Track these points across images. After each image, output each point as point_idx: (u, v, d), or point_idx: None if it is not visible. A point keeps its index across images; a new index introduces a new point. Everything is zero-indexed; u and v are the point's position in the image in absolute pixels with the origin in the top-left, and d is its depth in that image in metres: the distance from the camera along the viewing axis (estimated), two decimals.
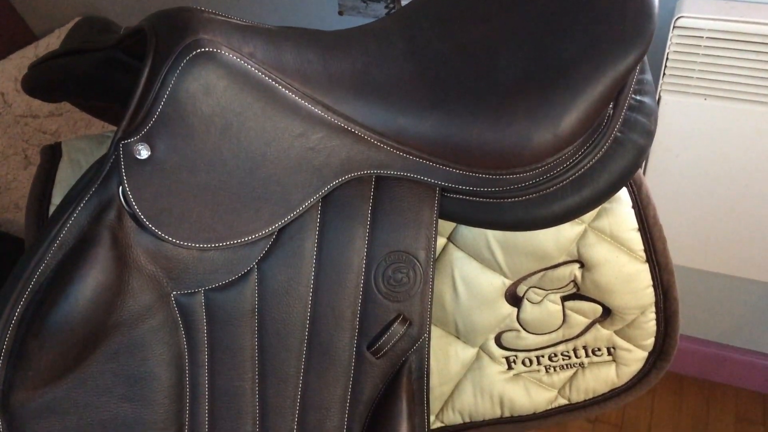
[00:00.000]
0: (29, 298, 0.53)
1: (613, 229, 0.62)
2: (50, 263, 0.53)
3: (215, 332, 0.57)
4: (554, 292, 0.67)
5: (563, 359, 0.70)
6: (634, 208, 0.62)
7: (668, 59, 0.98)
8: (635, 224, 0.63)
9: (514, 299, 0.67)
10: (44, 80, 0.67)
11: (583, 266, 0.65)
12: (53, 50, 0.68)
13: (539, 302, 0.67)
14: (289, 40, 0.56)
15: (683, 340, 1.47)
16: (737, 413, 1.44)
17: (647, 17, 0.56)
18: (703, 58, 0.96)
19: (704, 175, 1.05)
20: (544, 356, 0.70)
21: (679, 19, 0.95)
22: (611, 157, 0.58)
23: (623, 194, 0.62)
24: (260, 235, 0.56)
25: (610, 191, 0.59)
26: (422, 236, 0.59)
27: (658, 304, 0.65)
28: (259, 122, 0.54)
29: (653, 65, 0.98)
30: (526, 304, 0.67)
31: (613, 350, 0.70)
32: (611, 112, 0.58)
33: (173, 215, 0.54)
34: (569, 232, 0.62)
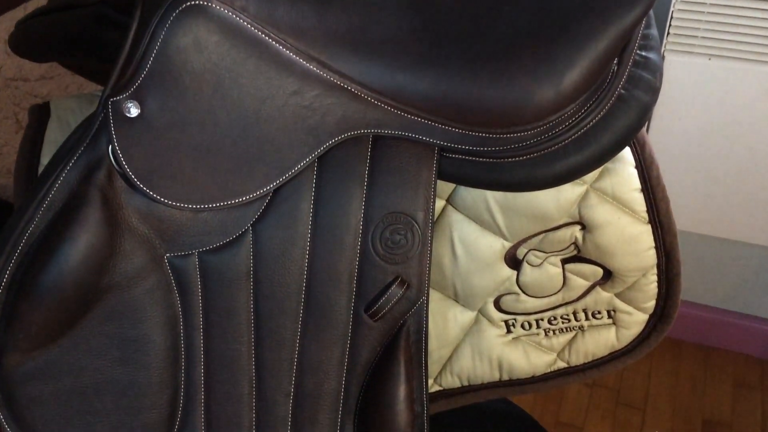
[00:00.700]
0: (19, 260, 0.52)
1: (615, 189, 0.61)
2: (39, 224, 0.52)
3: (210, 295, 0.57)
4: (554, 254, 0.66)
5: (563, 322, 0.70)
6: (637, 168, 0.61)
7: (673, 18, 0.96)
8: (638, 184, 0.61)
9: (513, 262, 0.66)
10: (31, 38, 0.65)
11: (584, 228, 0.64)
12: (40, 6, 0.66)
13: (539, 265, 0.66)
14: None
15: (682, 305, 1.47)
16: (735, 378, 1.45)
17: None
18: (708, 16, 0.94)
19: (707, 137, 1.03)
20: (543, 319, 0.70)
21: None
22: (615, 115, 0.56)
23: (626, 154, 0.61)
24: (254, 195, 0.55)
25: (613, 150, 0.58)
26: (420, 197, 0.58)
27: (660, 266, 0.65)
28: (252, 79, 0.52)
29: (657, 24, 0.96)
30: (525, 266, 0.66)
31: (613, 313, 0.69)
32: (615, 68, 0.57)
33: (165, 175, 0.53)
34: (570, 193, 0.61)
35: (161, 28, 0.50)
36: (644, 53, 0.58)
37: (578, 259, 0.66)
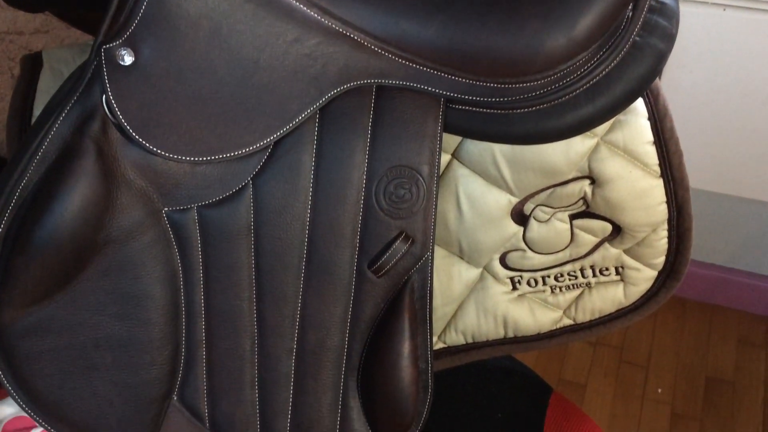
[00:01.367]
0: (12, 213, 0.51)
1: (627, 142, 0.59)
2: (33, 177, 0.51)
3: (210, 250, 0.55)
4: (562, 210, 0.64)
5: (569, 279, 0.69)
6: (650, 119, 0.59)
7: None
8: (650, 137, 0.59)
9: (520, 218, 0.65)
10: None
11: (593, 182, 0.62)
12: None
13: (546, 221, 0.65)
14: None
15: None
16: (739, 336, 1.45)
17: None
18: None
19: (719, 91, 1.01)
20: (549, 276, 0.69)
21: None
22: (629, 63, 0.54)
23: (639, 105, 0.59)
24: (254, 148, 0.53)
25: (626, 100, 0.55)
26: (426, 150, 0.56)
27: (671, 221, 0.63)
28: (250, 26, 0.50)
29: None
30: (532, 222, 0.65)
31: (621, 270, 0.68)
32: (630, 13, 0.54)
33: (161, 126, 0.51)
34: (580, 146, 0.59)
35: None
36: None
37: (587, 214, 0.65)
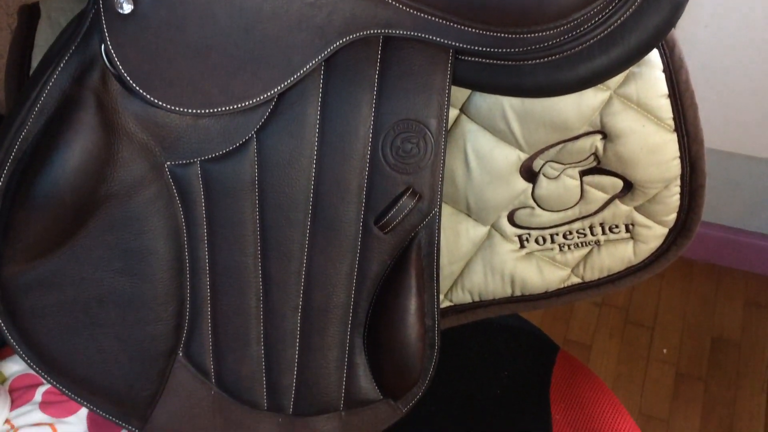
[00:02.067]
0: (12, 167, 0.50)
1: (640, 95, 0.58)
2: (32, 129, 0.50)
3: (213, 206, 0.55)
4: (573, 166, 0.63)
5: (578, 237, 0.68)
6: (665, 72, 0.57)
7: None
8: (665, 90, 0.58)
9: (529, 174, 0.63)
10: None
11: (605, 137, 0.61)
12: None
13: (556, 177, 0.64)
14: None
15: None
16: (746, 297, 1.45)
17: None
18: None
19: (733, 48, 0.98)
20: (558, 234, 0.68)
21: None
22: (645, 12, 0.52)
23: (653, 56, 0.57)
24: (258, 100, 0.52)
25: (641, 51, 0.54)
26: (434, 103, 0.54)
27: (683, 177, 0.62)
28: None
29: None
30: (542, 179, 0.64)
31: (631, 227, 0.67)
32: None
33: (163, 77, 0.50)
34: (592, 99, 0.58)
35: None
36: None
37: (597, 170, 0.63)
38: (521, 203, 0.65)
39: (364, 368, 0.61)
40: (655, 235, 0.66)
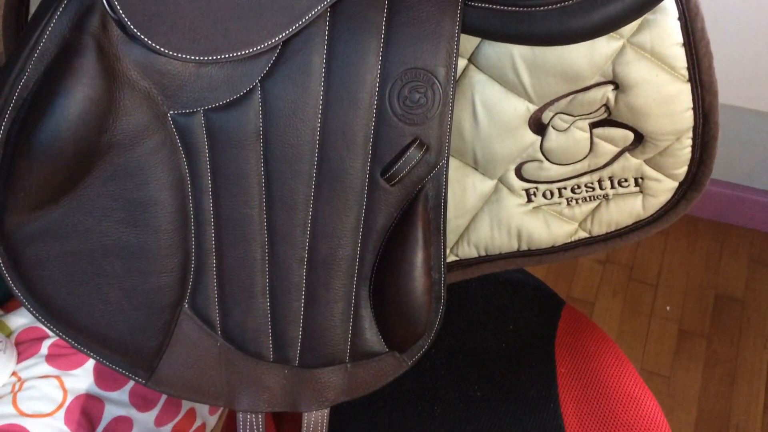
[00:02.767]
0: (12, 115, 0.49)
1: (654, 43, 0.56)
2: (32, 76, 0.48)
3: (218, 156, 0.54)
4: (583, 118, 0.62)
5: (586, 191, 0.67)
6: (680, 19, 0.56)
7: None
8: (680, 38, 0.56)
9: (538, 127, 0.62)
10: None
11: (617, 88, 0.59)
12: None
13: (565, 130, 0.62)
14: None
15: None
16: (751, 254, 1.44)
17: None
18: None
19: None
20: (566, 188, 0.67)
21: None
22: None
23: (668, 4, 0.55)
24: (262, 47, 0.50)
25: None
26: (442, 51, 0.53)
27: (696, 128, 0.61)
28: None
29: None
30: (551, 131, 0.62)
31: (640, 181, 0.66)
32: None
33: (164, 23, 0.48)
34: (605, 48, 0.56)
35: None
36: None
37: (608, 122, 0.62)
38: (529, 156, 0.64)
39: (369, 321, 0.61)
40: (664, 188, 0.66)
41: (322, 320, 0.60)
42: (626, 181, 0.66)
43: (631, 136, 0.62)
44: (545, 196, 0.67)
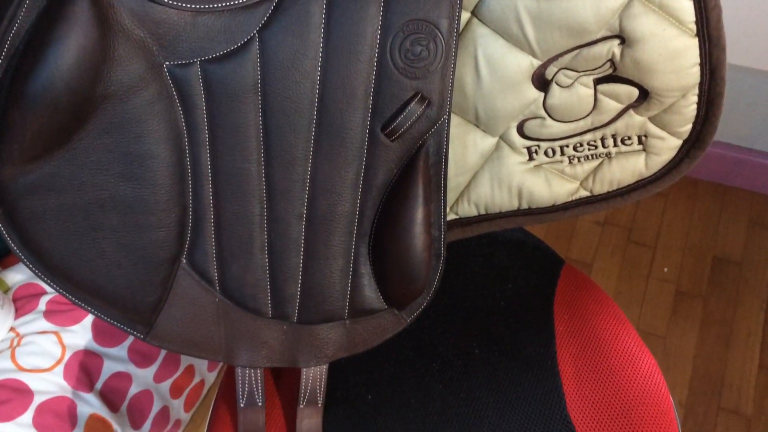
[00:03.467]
0: (5, 64, 0.48)
1: None
2: (23, 24, 0.47)
3: (215, 109, 0.53)
4: (587, 74, 0.61)
5: (589, 149, 0.66)
6: None
7: None
8: None
9: (541, 83, 0.61)
10: None
11: (623, 42, 0.58)
12: None
13: (569, 86, 0.61)
14: None
15: None
16: (750, 217, 1.44)
17: None
18: None
19: None
20: (568, 146, 0.66)
21: None
22: None
23: None
24: None
25: None
26: (445, 2, 0.52)
27: (702, 85, 0.59)
28: None
29: None
30: (554, 88, 0.61)
31: (644, 139, 0.65)
32: None
33: None
34: (612, 1, 0.55)
35: None
36: None
37: (613, 78, 0.61)
38: (532, 113, 0.63)
39: (368, 278, 0.61)
40: (668, 146, 0.65)
41: (320, 276, 0.59)
42: (629, 139, 0.65)
43: (636, 92, 0.61)
44: (547, 154, 0.66)
